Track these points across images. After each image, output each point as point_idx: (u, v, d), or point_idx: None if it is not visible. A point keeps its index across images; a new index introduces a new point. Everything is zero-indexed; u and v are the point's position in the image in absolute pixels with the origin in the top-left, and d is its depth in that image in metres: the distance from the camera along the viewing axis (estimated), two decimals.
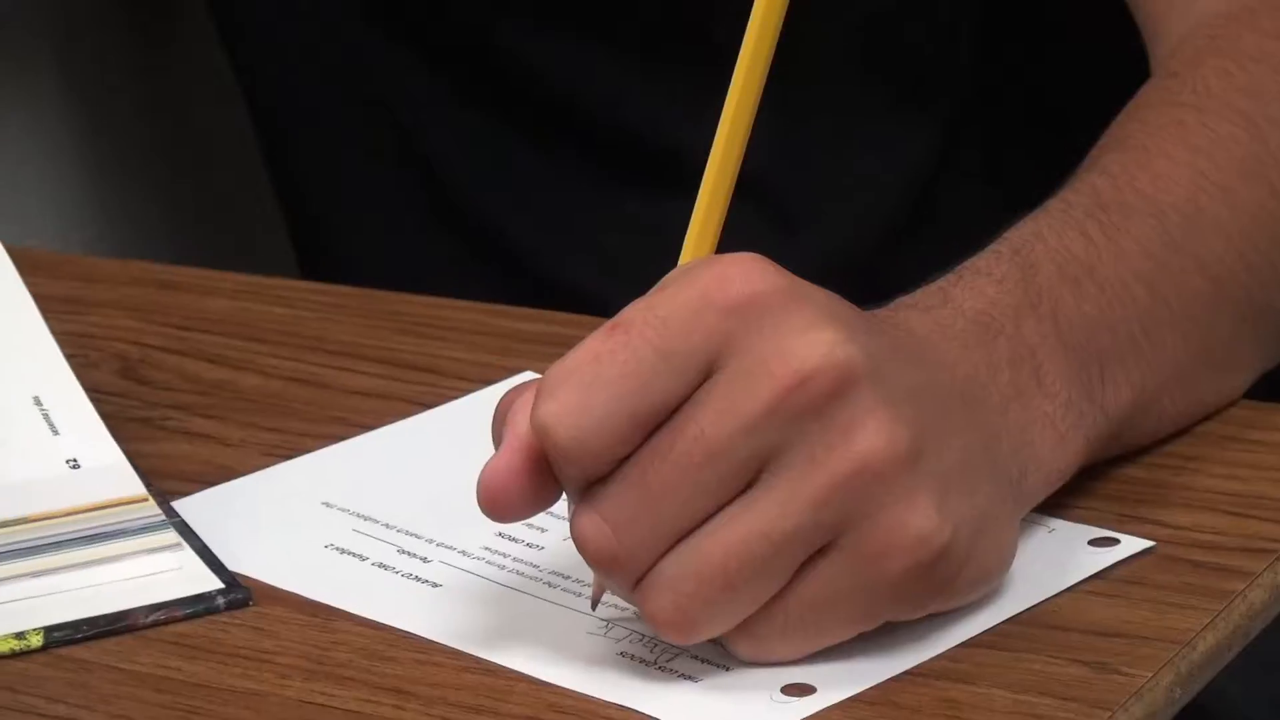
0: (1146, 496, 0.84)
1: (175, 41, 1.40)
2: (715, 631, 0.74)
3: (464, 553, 0.84)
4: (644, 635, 0.77)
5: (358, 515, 0.87)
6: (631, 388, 0.72)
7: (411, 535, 0.85)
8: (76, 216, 1.39)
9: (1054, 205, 0.88)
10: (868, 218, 1.17)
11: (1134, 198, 0.88)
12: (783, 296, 0.74)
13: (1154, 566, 0.80)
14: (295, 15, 1.22)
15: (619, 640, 0.77)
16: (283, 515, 0.88)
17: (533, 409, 0.73)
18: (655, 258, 0.82)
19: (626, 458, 0.73)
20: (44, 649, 0.80)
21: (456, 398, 0.95)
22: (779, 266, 0.75)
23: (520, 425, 0.74)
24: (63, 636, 0.80)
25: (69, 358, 0.93)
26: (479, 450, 0.84)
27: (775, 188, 1.15)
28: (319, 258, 1.25)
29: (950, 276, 0.83)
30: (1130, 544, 0.81)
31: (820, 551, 0.74)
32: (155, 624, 0.81)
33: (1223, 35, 0.98)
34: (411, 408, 0.94)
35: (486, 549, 0.84)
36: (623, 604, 0.78)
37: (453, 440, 0.91)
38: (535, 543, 0.84)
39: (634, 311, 0.73)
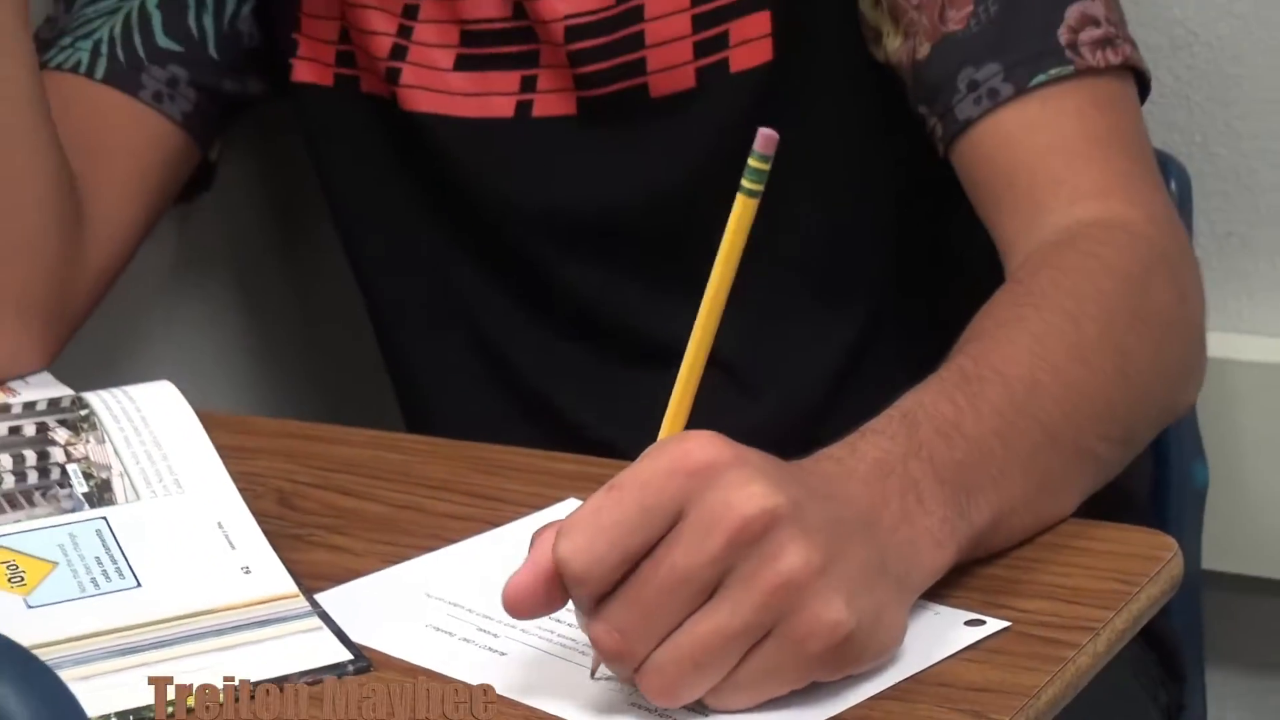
0: (1005, 589, 0.84)
1: (317, 257, 1.39)
2: (691, 698, 0.76)
3: (524, 630, 0.83)
4: None
5: (449, 603, 0.87)
6: (623, 533, 0.74)
7: (486, 618, 0.85)
8: (245, 386, 1.38)
9: (932, 379, 0.88)
10: (806, 387, 1.16)
11: (989, 373, 0.89)
12: (728, 462, 0.75)
13: (1011, 640, 0.81)
14: (403, 251, 1.21)
15: (631, 693, 0.78)
16: (394, 604, 0.88)
17: (554, 546, 0.75)
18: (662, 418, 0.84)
19: (622, 579, 0.75)
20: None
21: (517, 519, 0.94)
22: (726, 439, 0.77)
23: (538, 555, 0.76)
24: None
25: (241, 491, 0.93)
26: None
27: (739, 365, 1.14)
28: (420, 418, 1.24)
29: (856, 434, 0.84)
30: (994, 624, 0.81)
31: (762, 638, 0.75)
32: (310, 684, 0.81)
33: (1053, 255, 0.98)
34: (486, 526, 0.94)
35: (540, 627, 0.83)
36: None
37: (516, 550, 0.86)
38: (573, 623, 0.82)
39: (624, 476, 0.76)
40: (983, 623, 0.82)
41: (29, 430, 0.94)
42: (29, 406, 0.96)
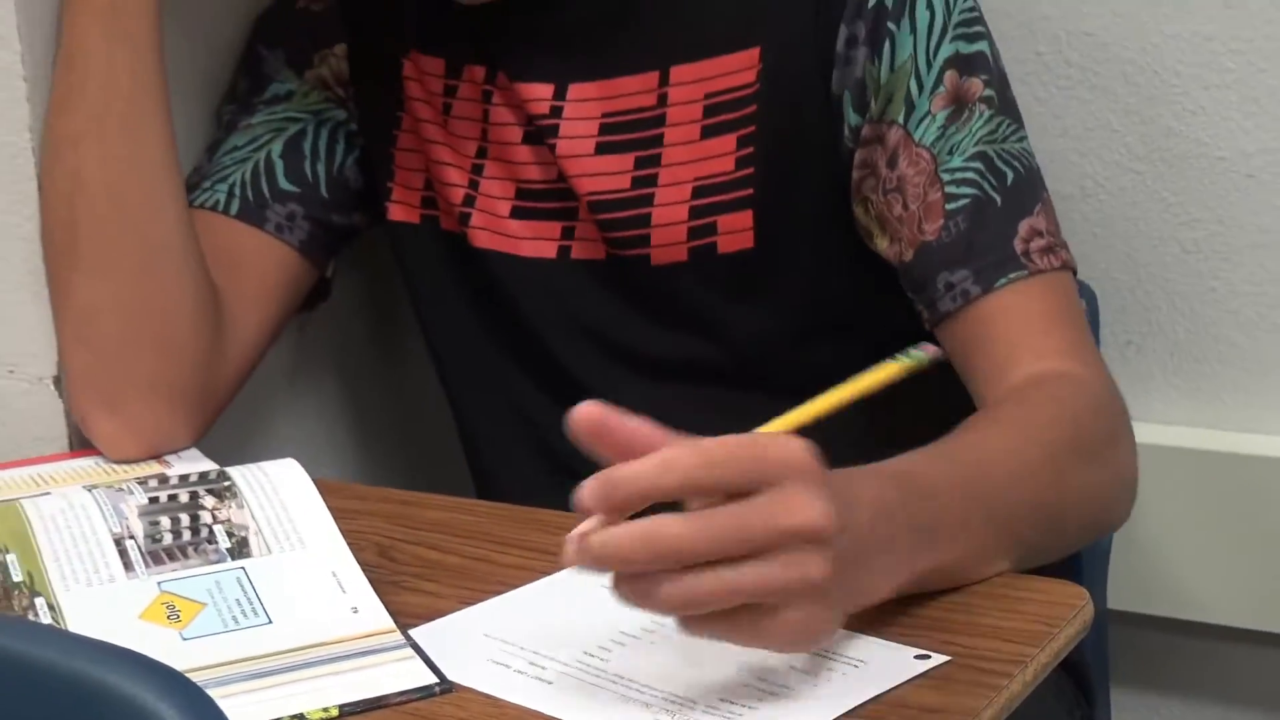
0: (954, 629, 0.85)
1: (409, 358, 1.36)
2: (689, 611, 0.76)
3: (565, 664, 0.84)
4: (669, 711, 0.78)
5: (505, 641, 0.87)
6: (721, 470, 0.75)
7: (535, 653, 0.85)
8: (351, 461, 1.37)
9: (921, 459, 0.89)
10: None
11: (960, 464, 0.89)
12: (821, 477, 0.76)
13: (956, 669, 0.81)
14: (472, 356, 1.20)
15: (654, 708, 0.79)
16: (470, 639, 0.87)
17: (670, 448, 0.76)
18: None
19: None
20: (339, 718, 0.82)
21: (565, 570, 0.89)
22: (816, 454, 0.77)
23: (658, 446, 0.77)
24: (349, 709, 0.82)
25: (349, 546, 0.94)
26: (581, 603, 0.87)
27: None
28: (488, 488, 1.23)
29: (894, 480, 0.84)
30: (938, 658, 0.82)
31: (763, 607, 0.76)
32: (404, 703, 0.82)
33: (1019, 393, 0.99)
34: (541, 575, 0.93)
35: (578, 662, 0.84)
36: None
37: (564, 596, 0.91)
38: (605, 658, 0.84)
39: (748, 438, 0.77)
40: (929, 657, 0.82)
41: (183, 497, 0.95)
42: (183, 478, 0.96)
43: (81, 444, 1.11)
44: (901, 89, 1.05)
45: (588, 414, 0.77)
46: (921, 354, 0.83)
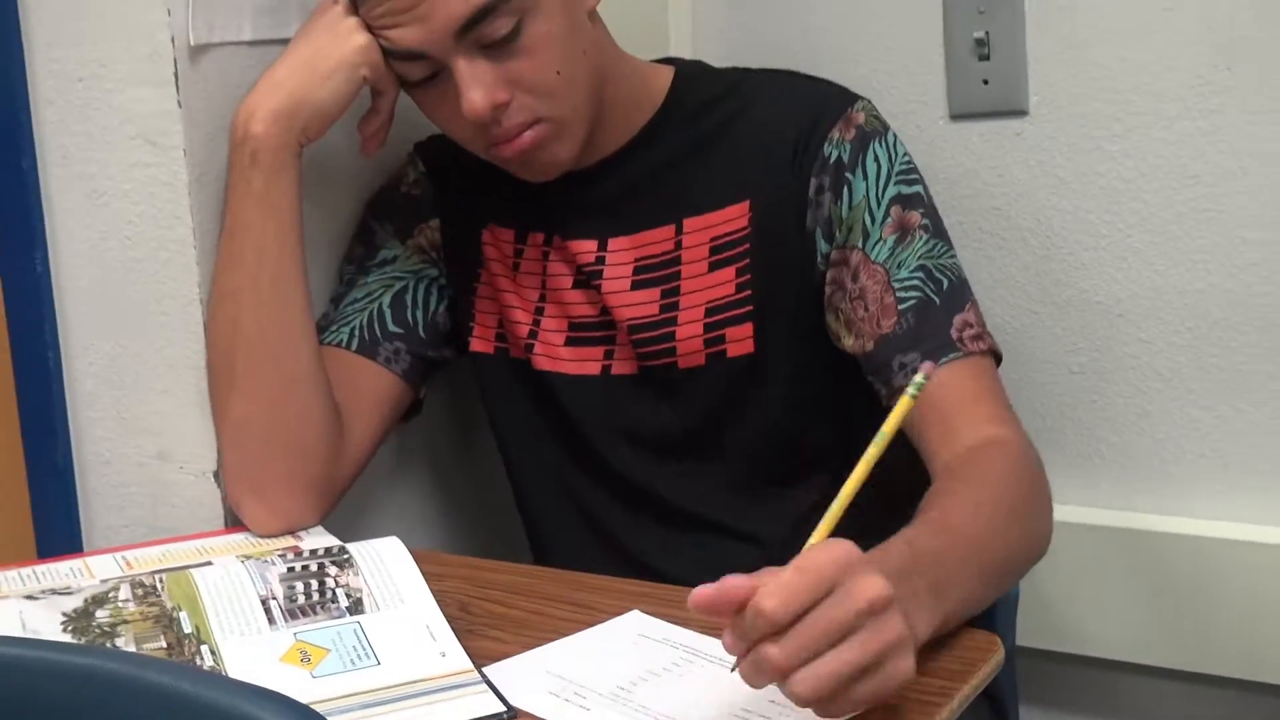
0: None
1: (483, 458, 1.34)
2: (822, 701, 0.74)
3: (601, 694, 0.83)
4: None
5: (559, 677, 0.86)
6: (804, 599, 0.73)
7: (580, 685, 0.85)
8: (439, 535, 1.35)
9: (918, 530, 0.86)
10: (780, 534, 1.12)
11: (948, 528, 0.87)
12: (866, 560, 0.76)
13: (901, 700, 0.79)
14: (534, 456, 1.18)
15: None
16: (530, 677, 0.86)
17: (759, 599, 0.72)
18: (710, 565, 0.83)
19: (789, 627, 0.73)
20: None
21: (603, 623, 0.93)
22: (857, 547, 0.76)
23: (729, 586, 0.73)
24: None
25: (437, 602, 0.92)
26: (615, 648, 0.87)
27: (735, 525, 1.13)
28: (544, 556, 1.22)
29: (911, 557, 0.81)
30: None
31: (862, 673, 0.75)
32: None
33: (976, 457, 0.97)
34: (585, 626, 0.92)
35: (612, 693, 0.83)
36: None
37: (602, 642, 0.90)
38: (633, 691, 0.82)
39: (805, 561, 0.74)
40: None
41: (313, 567, 0.95)
42: (313, 551, 0.96)
43: (234, 523, 1.11)
44: (859, 222, 1.06)
45: (700, 600, 0.74)
46: (922, 379, 0.81)
